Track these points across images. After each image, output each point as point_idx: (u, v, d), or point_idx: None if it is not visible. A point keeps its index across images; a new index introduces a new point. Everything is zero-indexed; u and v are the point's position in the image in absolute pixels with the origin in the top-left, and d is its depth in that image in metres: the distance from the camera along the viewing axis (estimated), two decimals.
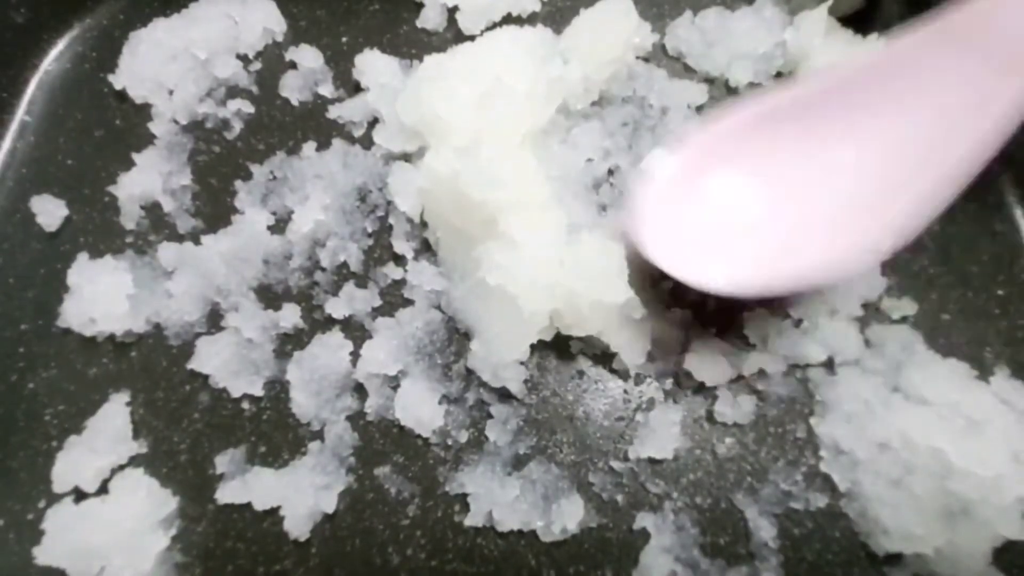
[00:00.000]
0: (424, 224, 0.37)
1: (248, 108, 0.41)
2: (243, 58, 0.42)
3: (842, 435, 0.32)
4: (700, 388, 0.34)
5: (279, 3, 0.43)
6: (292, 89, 0.41)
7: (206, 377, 0.35)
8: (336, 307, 0.36)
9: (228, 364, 0.35)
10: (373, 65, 0.40)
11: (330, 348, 0.35)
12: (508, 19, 0.42)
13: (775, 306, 0.35)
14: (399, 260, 0.37)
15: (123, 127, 0.41)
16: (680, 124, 0.38)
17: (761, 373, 0.34)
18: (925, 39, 0.31)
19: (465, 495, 0.33)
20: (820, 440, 0.33)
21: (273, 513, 0.33)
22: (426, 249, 0.37)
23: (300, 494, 0.33)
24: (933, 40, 0.31)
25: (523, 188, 0.34)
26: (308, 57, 0.41)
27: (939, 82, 0.31)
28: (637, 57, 0.40)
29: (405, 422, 0.34)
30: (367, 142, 0.39)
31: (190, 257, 0.37)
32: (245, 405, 0.35)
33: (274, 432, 0.35)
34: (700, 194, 0.34)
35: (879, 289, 0.35)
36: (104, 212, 0.39)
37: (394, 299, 0.37)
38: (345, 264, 0.37)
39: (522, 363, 0.34)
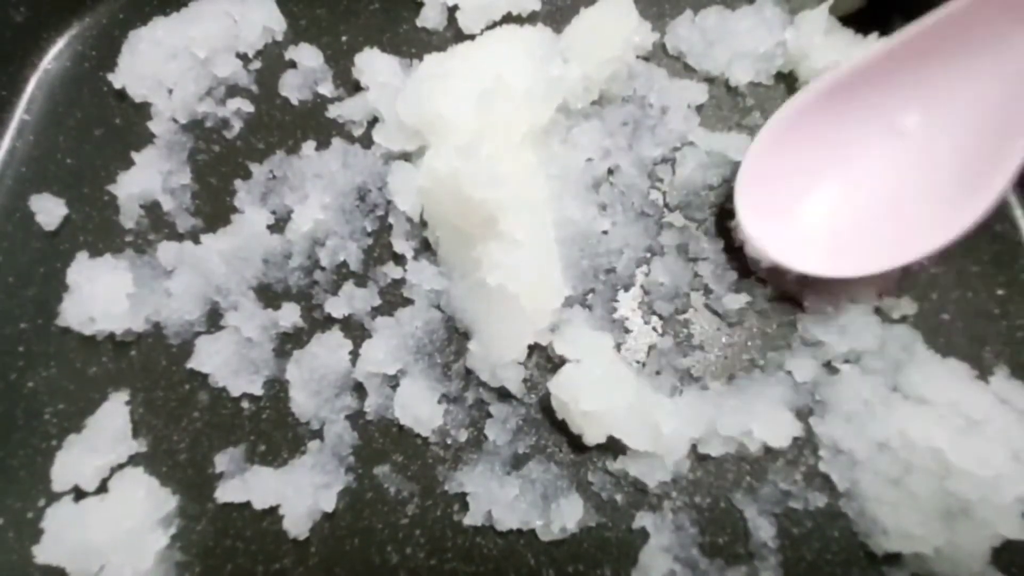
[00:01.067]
0: (424, 223, 0.37)
1: (248, 107, 0.41)
2: (243, 57, 0.42)
3: (841, 435, 0.32)
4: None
5: (279, 2, 0.43)
6: (292, 88, 0.41)
7: (205, 376, 0.35)
8: (336, 306, 0.36)
9: (228, 363, 0.35)
10: (373, 64, 0.40)
11: (329, 347, 0.35)
12: (508, 18, 0.42)
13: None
14: (399, 259, 0.37)
15: (122, 126, 0.41)
16: (680, 123, 0.38)
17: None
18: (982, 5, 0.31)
19: (464, 494, 0.33)
20: (819, 440, 0.33)
21: (272, 512, 0.33)
22: (426, 248, 0.37)
23: (299, 493, 0.33)
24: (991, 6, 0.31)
25: (523, 187, 0.34)
26: (308, 56, 0.41)
27: (1001, 47, 0.32)
28: (637, 56, 0.40)
29: (404, 421, 0.34)
30: (367, 141, 0.39)
31: (189, 256, 0.37)
32: (244, 404, 0.35)
33: (273, 431, 0.35)
34: (785, 175, 0.35)
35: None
36: (103, 211, 0.39)
37: (394, 298, 0.37)
38: (345, 263, 0.37)
39: (521, 363, 0.34)
